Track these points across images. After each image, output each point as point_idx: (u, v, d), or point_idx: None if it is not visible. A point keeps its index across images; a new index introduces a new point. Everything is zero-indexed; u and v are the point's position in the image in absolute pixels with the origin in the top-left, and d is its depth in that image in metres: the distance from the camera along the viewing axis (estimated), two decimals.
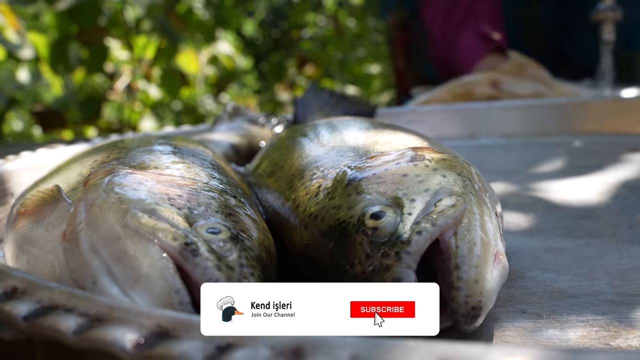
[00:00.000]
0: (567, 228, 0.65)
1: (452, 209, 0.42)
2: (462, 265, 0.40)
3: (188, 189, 0.46)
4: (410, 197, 0.44)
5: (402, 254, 0.40)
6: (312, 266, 0.47)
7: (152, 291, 0.37)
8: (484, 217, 0.44)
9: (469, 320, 0.39)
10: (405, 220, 0.42)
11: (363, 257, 0.42)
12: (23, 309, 0.33)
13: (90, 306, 0.32)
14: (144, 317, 0.31)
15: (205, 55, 2.76)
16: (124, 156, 0.55)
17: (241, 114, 0.92)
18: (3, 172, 0.67)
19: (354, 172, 0.48)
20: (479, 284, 0.39)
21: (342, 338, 0.28)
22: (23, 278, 0.36)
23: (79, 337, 0.31)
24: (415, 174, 0.46)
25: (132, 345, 0.30)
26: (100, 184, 0.45)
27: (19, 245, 0.46)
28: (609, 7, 1.08)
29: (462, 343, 0.27)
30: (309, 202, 0.49)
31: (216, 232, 0.41)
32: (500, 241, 0.44)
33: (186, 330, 0.30)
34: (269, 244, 0.46)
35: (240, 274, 0.40)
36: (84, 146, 0.81)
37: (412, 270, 0.40)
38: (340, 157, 0.54)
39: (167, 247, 0.39)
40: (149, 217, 0.41)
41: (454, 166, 0.48)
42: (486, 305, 0.40)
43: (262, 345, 0.28)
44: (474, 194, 0.45)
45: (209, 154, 0.61)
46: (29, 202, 0.48)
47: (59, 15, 2.17)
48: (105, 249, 0.39)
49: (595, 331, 0.43)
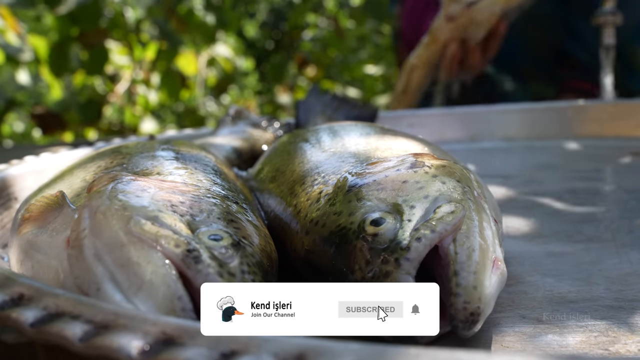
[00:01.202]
0: (567, 232, 0.65)
1: (451, 215, 0.43)
2: (461, 272, 0.40)
3: (190, 195, 0.46)
4: (410, 203, 0.45)
5: (402, 260, 0.41)
6: (313, 271, 0.48)
7: (155, 298, 0.38)
8: (483, 223, 0.44)
9: (467, 326, 0.39)
10: (404, 226, 0.43)
11: (363, 263, 0.42)
12: (30, 316, 0.34)
13: (96, 313, 0.33)
14: (149, 324, 0.31)
15: (204, 57, 2.76)
16: (127, 162, 0.55)
17: (244, 118, 0.93)
18: (7, 177, 0.67)
19: (355, 178, 0.49)
20: (477, 290, 0.40)
21: (345, 344, 0.28)
22: (30, 285, 0.37)
23: (85, 344, 0.31)
24: (415, 180, 0.47)
25: (138, 352, 0.30)
26: (104, 190, 0.45)
27: (23, 250, 0.47)
28: (609, 11, 1.08)
29: (464, 350, 0.28)
30: (310, 207, 0.49)
31: (218, 239, 0.42)
32: (498, 247, 0.45)
33: (191, 337, 0.31)
34: (270, 250, 0.46)
35: (242, 280, 0.40)
36: (87, 151, 0.81)
37: (412, 276, 0.41)
38: (341, 163, 0.54)
39: (169, 254, 0.39)
40: (151, 224, 0.41)
41: (453, 173, 0.48)
42: (484, 311, 0.40)
43: (266, 352, 0.29)
44: (472, 201, 0.46)
45: (212, 159, 0.61)
46: (33, 208, 0.49)
47: (59, 17, 2.17)
48: (109, 255, 0.40)
49: (594, 336, 0.43)
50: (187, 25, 2.56)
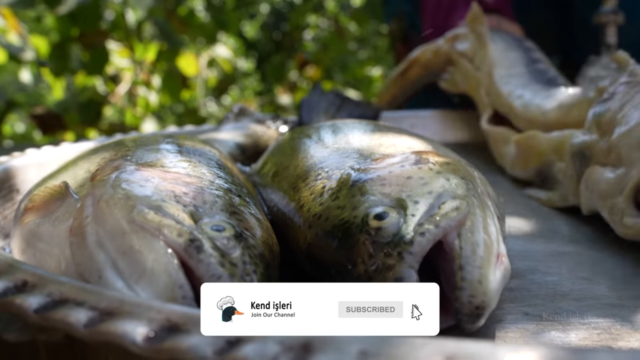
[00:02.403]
0: (569, 232, 0.65)
1: (455, 211, 0.43)
2: (466, 266, 0.40)
3: (194, 186, 0.47)
4: (414, 199, 0.45)
5: (405, 254, 0.41)
6: (316, 265, 0.48)
7: (156, 285, 0.38)
8: (487, 219, 0.45)
9: (472, 320, 0.40)
10: (408, 221, 0.43)
11: (366, 256, 0.43)
12: (34, 302, 0.34)
13: (100, 300, 0.33)
14: (154, 311, 0.31)
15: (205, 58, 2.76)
16: (131, 154, 0.56)
17: (247, 115, 0.93)
18: (9, 169, 0.67)
19: (359, 173, 0.49)
20: (482, 284, 0.40)
21: (351, 335, 0.28)
22: (33, 272, 0.37)
23: (90, 330, 0.31)
24: (419, 176, 0.47)
25: (143, 338, 0.30)
26: (107, 179, 0.45)
27: (25, 239, 0.47)
28: (611, 11, 1.08)
29: (470, 340, 0.28)
30: (313, 202, 0.49)
31: (220, 230, 0.42)
32: (502, 243, 0.45)
33: (195, 324, 0.31)
34: (272, 242, 0.47)
35: (244, 270, 0.40)
36: (90, 144, 0.81)
37: (414, 270, 0.41)
38: (345, 158, 0.54)
39: (172, 243, 0.40)
40: (155, 214, 0.41)
41: (457, 170, 0.48)
42: (489, 305, 0.40)
43: (272, 340, 0.29)
44: (476, 197, 0.46)
45: (215, 153, 0.61)
46: (36, 198, 0.49)
47: (59, 17, 2.17)
48: (111, 243, 0.40)
49: (597, 333, 0.43)
50: (188, 26, 2.56)
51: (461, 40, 1.06)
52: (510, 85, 0.93)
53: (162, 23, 2.26)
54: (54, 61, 2.18)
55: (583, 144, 0.68)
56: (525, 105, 0.87)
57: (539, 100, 0.85)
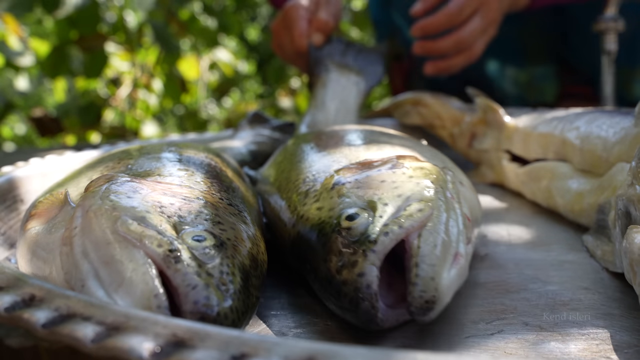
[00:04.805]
0: (569, 241, 0.66)
1: (419, 213, 0.46)
2: (421, 264, 0.43)
3: (182, 197, 0.49)
4: (384, 201, 0.48)
5: (369, 252, 0.44)
6: (299, 261, 0.52)
7: (133, 294, 0.39)
8: (450, 221, 0.48)
9: (422, 312, 0.42)
10: (376, 222, 0.46)
11: (336, 253, 0.46)
12: (41, 317, 0.34)
13: (107, 315, 0.33)
14: (160, 326, 0.32)
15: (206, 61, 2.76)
16: (133, 163, 0.57)
17: (262, 121, 0.95)
18: (13, 179, 0.67)
19: (339, 177, 0.53)
20: (434, 281, 0.43)
21: (355, 349, 0.29)
22: (41, 286, 0.37)
23: (97, 345, 0.32)
24: (392, 180, 0.51)
25: (149, 353, 0.30)
26: (97, 191, 0.47)
27: (26, 245, 0.49)
28: (611, 18, 1.08)
29: (470, 355, 0.28)
30: (299, 203, 0.54)
31: (201, 240, 0.44)
32: (462, 244, 0.48)
33: (201, 339, 0.31)
34: (257, 252, 0.48)
35: (220, 280, 0.42)
36: (92, 153, 0.82)
37: (376, 267, 0.44)
38: (333, 163, 0.58)
39: (151, 253, 0.41)
40: (137, 225, 0.43)
41: (429, 174, 0.52)
42: (440, 300, 0.43)
43: (276, 354, 0.29)
44: (443, 200, 0.49)
45: (217, 161, 0.62)
46: (40, 205, 0.51)
47: (58, 21, 2.17)
48: (95, 253, 0.42)
49: (596, 344, 0.43)
50: (188, 30, 2.56)
51: (480, 139, 0.94)
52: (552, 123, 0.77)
53: (161, 27, 2.26)
54: (51, 64, 2.18)
55: (628, 198, 0.52)
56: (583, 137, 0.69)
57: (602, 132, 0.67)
